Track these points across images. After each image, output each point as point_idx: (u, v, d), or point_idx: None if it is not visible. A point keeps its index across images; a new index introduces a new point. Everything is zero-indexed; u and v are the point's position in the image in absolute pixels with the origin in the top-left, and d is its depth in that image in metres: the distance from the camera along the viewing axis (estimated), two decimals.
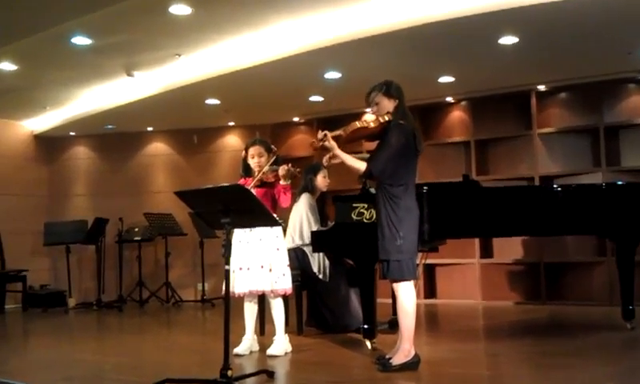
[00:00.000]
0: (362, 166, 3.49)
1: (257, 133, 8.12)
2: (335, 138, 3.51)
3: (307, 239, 4.82)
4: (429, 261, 6.23)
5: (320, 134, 3.51)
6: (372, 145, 3.66)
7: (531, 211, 4.41)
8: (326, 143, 3.48)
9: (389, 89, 3.59)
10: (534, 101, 6.76)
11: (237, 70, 5.78)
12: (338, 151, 3.52)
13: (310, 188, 5.05)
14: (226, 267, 3.19)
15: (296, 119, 8.24)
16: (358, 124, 3.52)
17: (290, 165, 3.98)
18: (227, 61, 5.77)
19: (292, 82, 6.32)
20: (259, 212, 3.16)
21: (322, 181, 5.06)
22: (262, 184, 4.04)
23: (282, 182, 3.95)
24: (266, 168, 4.01)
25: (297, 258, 4.90)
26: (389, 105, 3.56)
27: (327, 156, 3.63)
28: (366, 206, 4.08)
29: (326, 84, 6.38)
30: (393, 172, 3.45)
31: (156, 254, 8.46)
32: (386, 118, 3.52)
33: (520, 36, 5.05)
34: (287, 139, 8.30)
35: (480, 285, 6.91)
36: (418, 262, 3.74)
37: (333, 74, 6.08)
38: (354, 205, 4.12)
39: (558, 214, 4.37)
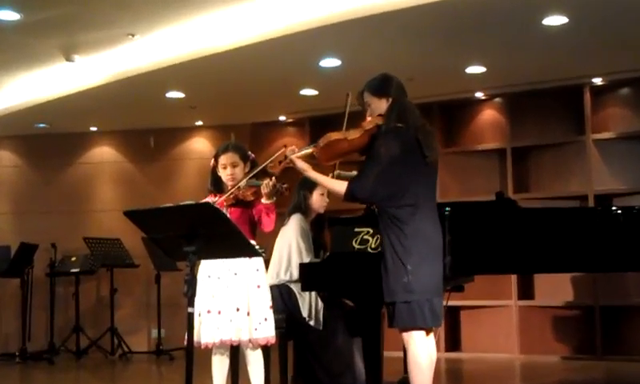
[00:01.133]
0: (340, 187, 3.49)
1: (231, 136, 8.09)
2: (306, 158, 3.52)
3: (296, 274, 4.80)
4: (451, 302, 6.23)
5: (282, 154, 3.53)
6: None
7: (583, 240, 4.41)
8: (292, 165, 3.51)
9: (378, 85, 3.59)
10: (587, 98, 6.81)
11: (207, 55, 5.80)
12: (311, 173, 3.54)
13: (302, 207, 5.02)
14: (190, 310, 3.15)
15: (282, 118, 8.26)
16: (333, 135, 3.51)
17: (274, 178, 3.96)
18: (195, 43, 5.79)
19: (278, 71, 6.34)
20: (234, 238, 3.14)
21: (318, 199, 5.02)
22: (237, 202, 4.02)
23: (263, 201, 3.93)
24: (243, 182, 3.99)
25: (282, 298, 4.86)
26: (380, 105, 3.55)
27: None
28: (370, 231, 4.06)
29: (322, 74, 6.40)
30: (391, 191, 3.43)
31: (98, 290, 8.41)
32: (373, 124, 3.51)
33: (570, 15, 5.09)
34: (271, 144, 8.30)
35: (517, 334, 6.91)
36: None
37: (330, 62, 6.10)
38: (356, 229, 4.11)
39: (619, 243, 4.36)
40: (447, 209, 4.23)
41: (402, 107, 3.54)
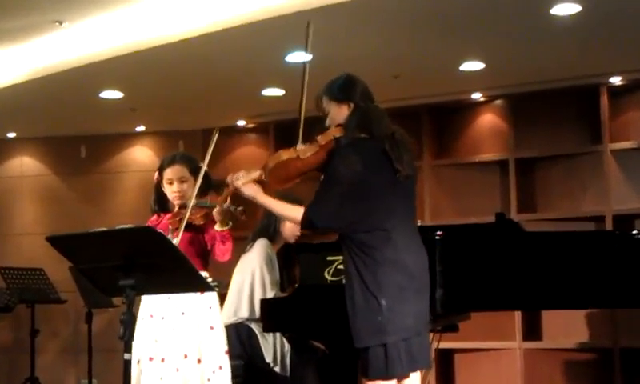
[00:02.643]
0: (296, 213, 3.49)
1: (180, 144, 8.09)
2: (258, 183, 3.52)
3: (258, 311, 4.78)
4: (444, 345, 6.23)
5: (228, 178, 3.55)
6: None
7: (600, 270, 4.44)
8: (244, 191, 3.52)
9: (338, 88, 3.59)
10: (604, 100, 6.88)
11: (150, 47, 5.78)
12: (261, 199, 3.54)
13: (271, 232, 5.02)
14: (126, 356, 3.11)
15: (242, 123, 8.25)
16: (283, 154, 3.51)
17: (229, 201, 3.92)
18: (135, 32, 5.76)
19: (236, 67, 6.33)
20: (182, 270, 3.11)
21: (291, 227, 4.95)
22: (185, 227, 3.99)
23: (217, 227, 3.90)
24: (193, 201, 3.97)
25: (240, 340, 4.86)
26: (341, 113, 3.56)
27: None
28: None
29: (289, 70, 6.39)
30: (356, 216, 3.41)
31: (16, 331, 8.29)
32: (330, 136, 3.50)
33: (583, 2, 5.14)
34: (228, 154, 8.28)
35: (523, 380, 6.93)
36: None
37: (299, 56, 6.10)
38: (329, 258, 4.13)
39: None
40: (438, 233, 4.26)
41: (365, 114, 3.53)
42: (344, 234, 3.49)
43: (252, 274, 4.89)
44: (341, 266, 4.11)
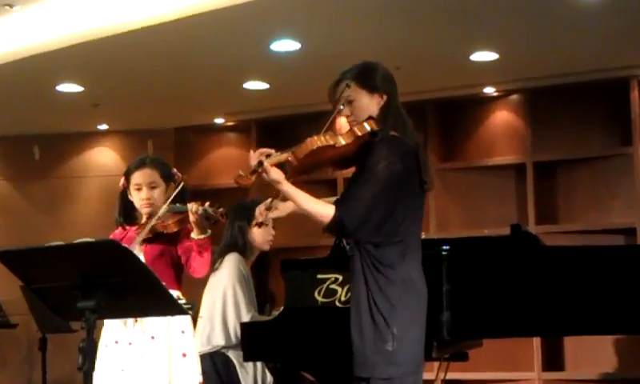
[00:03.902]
0: (327, 211, 3.50)
1: (149, 145, 8.08)
2: (280, 166, 3.52)
3: (235, 336, 4.80)
4: (451, 375, 6.24)
5: (253, 159, 3.49)
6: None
7: (630, 290, 4.47)
8: (265, 175, 3.49)
9: (369, 76, 3.62)
10: (635, 96, 6.91)
11: (114, 34, 5.79)
12: (286, 186, 3.51)
13: (240, 244, 5.04)
14: None
15: (220, 121, 8.27)
16: (318, 140, 3.52)
17: (207, 204, 3.96)
18: (97, 17, 5.77)
19: (214, 57, 6.35)
20: (150, 290, 3.13)
21: (261, 232, 5.03)
22: (155, 237, 4.01)
23: (193, 235, 3.93)
24: (164, 209, 3.99)
25: (216, 370, 4.86)
26: (370, 104, 3.59)
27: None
28: (339, 278, 4.11)
29: (275, 61, 6.42)
30: (380, 222, 3.46)
31: None
32: (367, 128, 3.55)
33: None
34: (203, 156, 8.29)
35: None
36: (432, 377, 3.76)
37: (286, 44, 6.12)
38: (320, 276, 4.14)
39: None
40: (445, 247, 4.27)
41: (398, 110, 3.60)
42: (360, 247, 3.51)
43: (223, 295, 4.90)
44: (333, 286, 4.13)
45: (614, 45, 6.31)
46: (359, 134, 3.53)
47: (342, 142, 3.51)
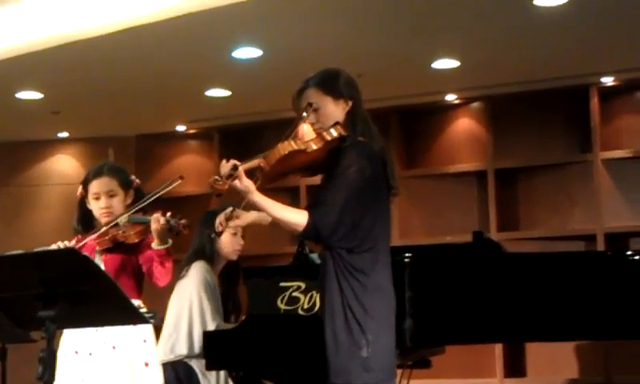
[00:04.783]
0: (300, 218, 3.49)
1: (109, 153, 8.02)
2: (250, 173, 3.50)
3: (199, 345, 4.79)
4: (414, 382, 6.24)
5: (225, 168, 3.47)
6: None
7: (591, 297, 4.49)
8: (237, 183, 3.46)
9: (333, 82, 3.62)
10: (594, 103, 6.98)
11: (74, 41, 5.76)
12: (256, 196, 3.50)
13: (207, 252, 5.02)
14: None
15: (181, 128, 8.25)
16: (289, 145, 3.52)
17: (169, 214, 3.94)
18: (57, 23, 5.74)
19: (175, 64, 6.33)
20: (111, 299, 3.10)
21: (229, 240, 5.02)
22: (116, 246, 3.99)
23: (154, 246, 3.90)
24: (124, 218, 3.96)
25: (179, 379, 4.83)
26: (336, 110, 3.59)
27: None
28: (302, 285, 4.11)
29: (237, 68, 6.41)
30: (353, 227, 3.46)
31: None
32: (335, 134, 3.55)
33: None
34: (165, 164, 8.25)
35: None
36: None
37: (248, 51, 6.12)
38: (282, 284, 4.14)
39: (636, 301, 4.46)
40: (407, 255, 4.27)
41: (363, 115, 3.61)
42: (334, 253, 3.49)
43: (189, 304, 4.88)
44: (296, 294, 4.12)
45: (575, 53, 6.36)
46: (328, 139, 3.53)
47: (313, 146, 3.51)
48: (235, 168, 3.38)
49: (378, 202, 3.54)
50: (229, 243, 5.03)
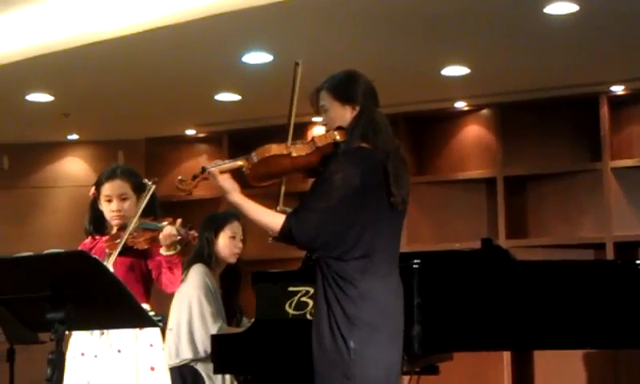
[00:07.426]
0: (276, 221, 3.48)
1: (119, 155, 8.05)
2: (235, 173, 3.52)
3: (203, 349, 4.78)
4: None
5: (206, 165, 3.53)
6: None
7: (600, 305, 4.48)
8: (213, 180, 3.51)
9: (345, 86, 3.63)
10: (604, 112, 6.97)
11: (85, 44, 5.76)
12: (235, 196, 3.52)
13: (205, 256, 5.02)
14: None
15: (191, 132, 8.26)
16: (272, 149, 3.53)
17: (179, 222, 3.93)
18: (68, 26, 5.75)
19: (185, 68, 6.34)
20: (120, 302, 3.10)
21: (227, 244, 5.02)
22: (125, 250, 3.98)
23: (163, 251, 3.90)
24: (135, 222, 3.96)
25: (184, 383, 4.84)
26: (343, 114, 3.59)
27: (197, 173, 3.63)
28: (310, 291, 4.09)
29: (246, 73, 6.42)
30: (339, 238, 3.43)
31: None
32: (329, 139, 3.54)
33: (581, 1, 5.20)
34: (174, 167, 8.26)
35: None
36: None
37: (258, 56, 6.12)
38: (291, 289, 4.14)
39: None
40: (416, 261, 4.27)
41: (371, 121, 3.57)
42: (322, 260, 3.50)
43: (189, 308, 4.87)
44: (305, 299, 4.12)
45: (584, 61, 6.36)
46: (319, 144, 3.53)
47: (299, 152, 3.53)
48: (203, 170, 3.51)
49: (371, 210, 3.48)
50: (227, 246, 5.03)
